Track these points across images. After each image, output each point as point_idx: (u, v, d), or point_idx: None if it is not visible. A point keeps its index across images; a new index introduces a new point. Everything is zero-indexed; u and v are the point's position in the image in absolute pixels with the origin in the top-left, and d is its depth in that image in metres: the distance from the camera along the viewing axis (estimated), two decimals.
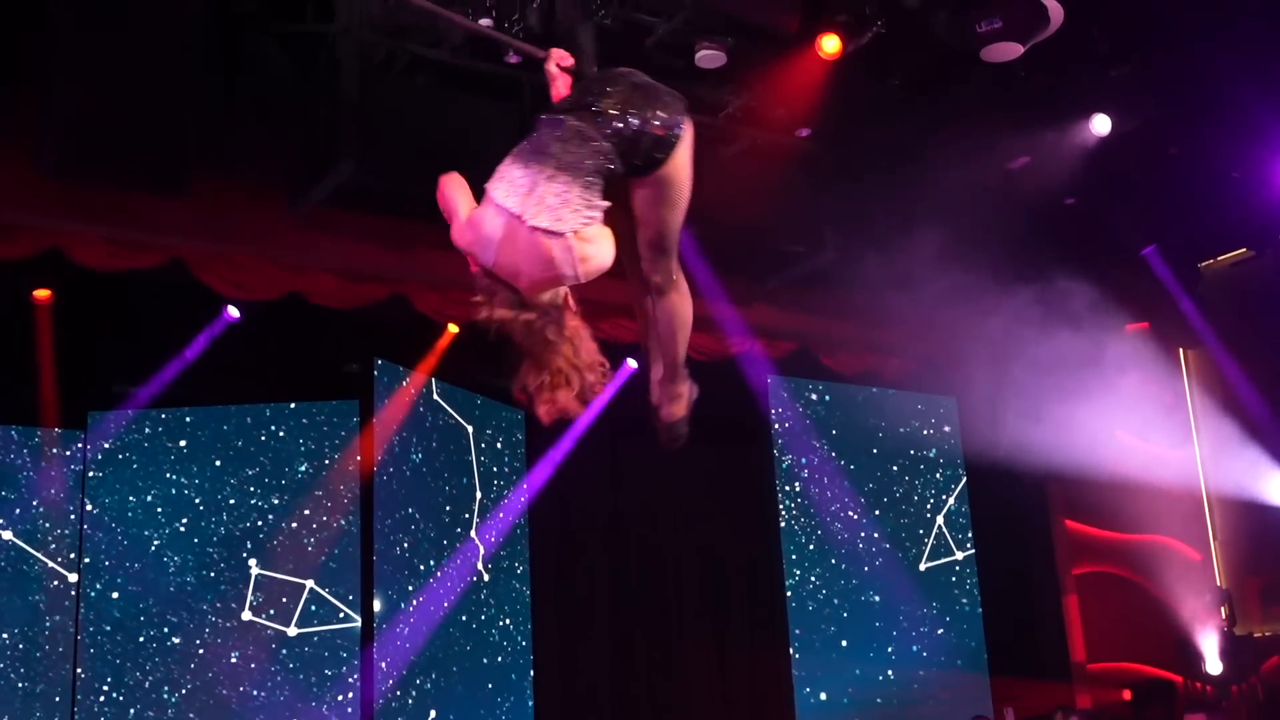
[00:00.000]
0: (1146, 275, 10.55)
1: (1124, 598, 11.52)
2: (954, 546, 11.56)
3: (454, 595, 9.79)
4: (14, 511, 9.17)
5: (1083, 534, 11.84)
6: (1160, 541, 11.51)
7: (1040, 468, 10.42)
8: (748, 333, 9.86)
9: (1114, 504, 11.12)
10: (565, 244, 3.31)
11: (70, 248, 7.77)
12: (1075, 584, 11.75)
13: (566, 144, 3.44)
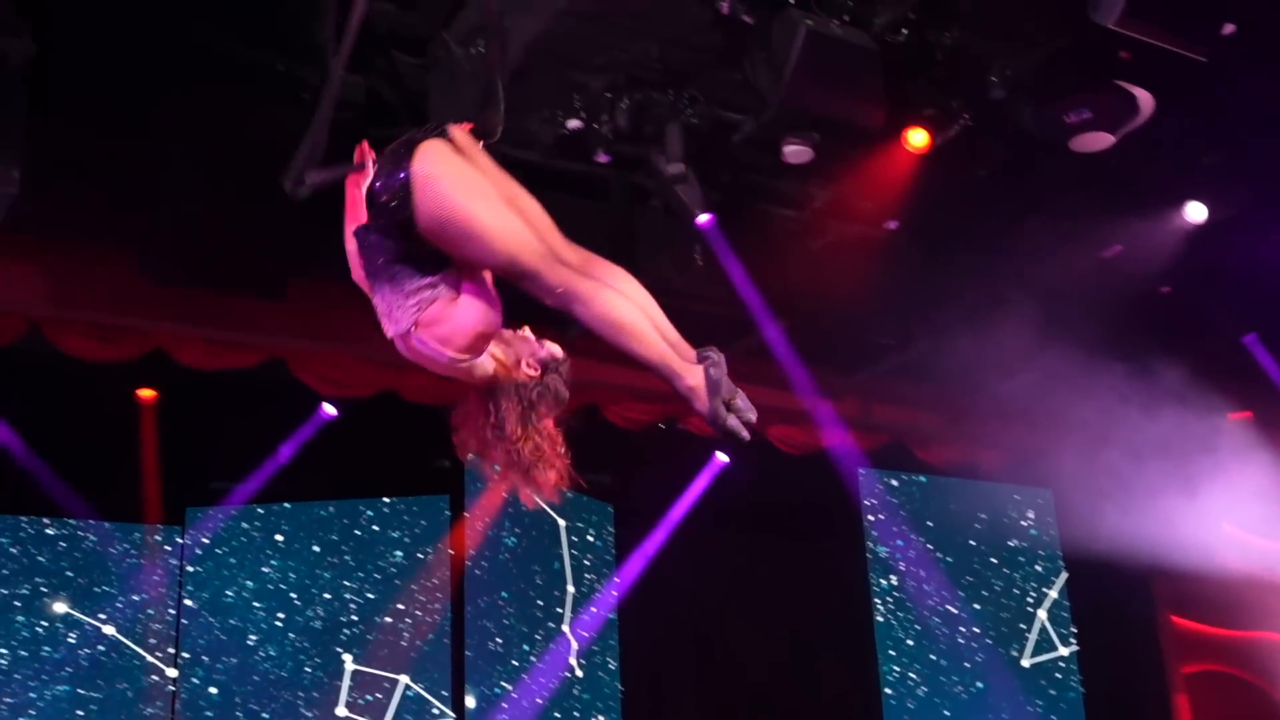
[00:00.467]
0: (1248, 363, 10.29)
1: (1238, 698, 11.09)
2: (1057, 642, 11.22)
3: (547, 690, 9.70)
4: (116, 606, 9.29)
5: (1191, 631, 11.44)
6: (1275, 639, 11.07)
7: (1144, 562, 10.12)
8: (838, 425, 9.77)
9: (1224, 599, 10.76)
10: (415, 340, 3.29)
11: (173, 349, 7.96)
12: (1185, 683, 11.33)
13: (369, 251, 3.40)
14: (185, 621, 9.35)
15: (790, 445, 9.89)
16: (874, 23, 6.57)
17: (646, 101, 7.21)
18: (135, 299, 7.64)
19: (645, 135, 7.36)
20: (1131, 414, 9.18)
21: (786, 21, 6.33)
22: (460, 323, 3.27)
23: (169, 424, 9.03)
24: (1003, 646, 11.08)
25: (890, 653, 10.74)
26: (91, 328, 7.79)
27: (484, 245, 3.28)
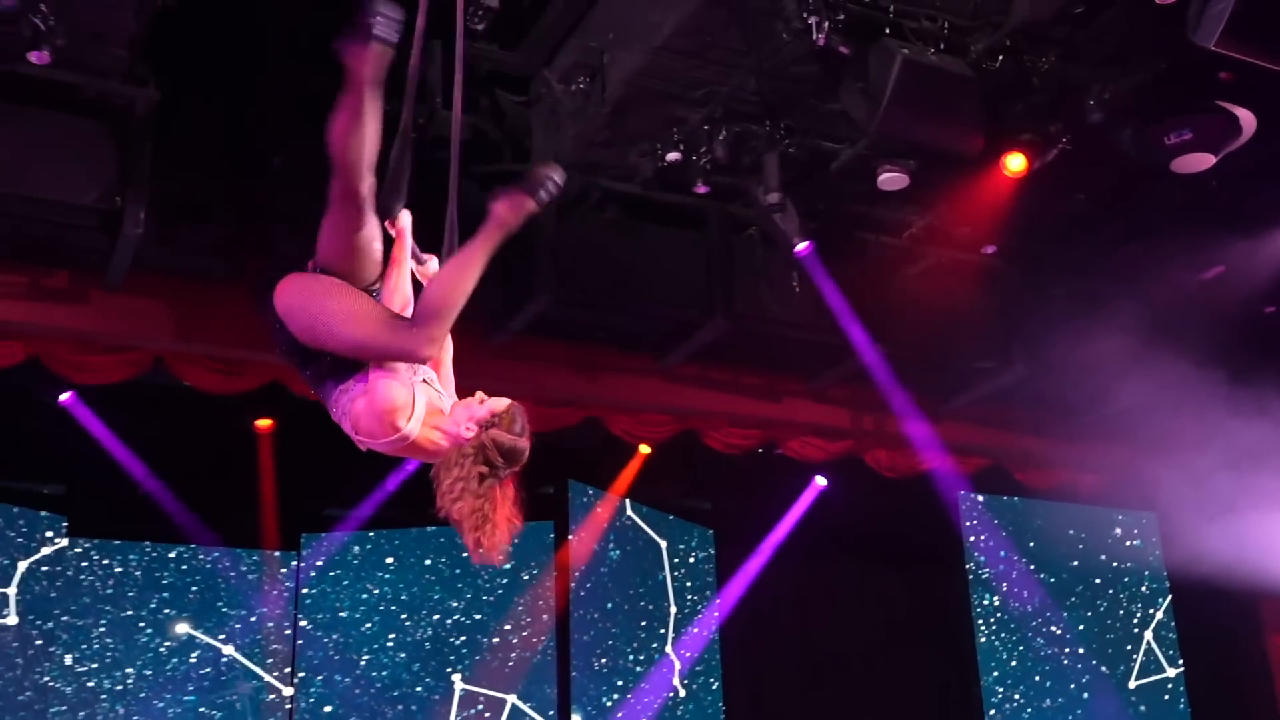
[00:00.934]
0: None
1: None
2: (1165, 663, 10.89)
3: (651, 710, 9.66)
4: (235, 626, 9.43)
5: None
6: None
7: (1250, 584, 9.80)
8: (939, 449, 9.61)
9: None
10: (362, 439, 3.44)
11: (290, 380, 8.05)
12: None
13: (315, 386, 3.62)
14: (300, 641, 9.46)
15: (890, 469, 9.76)
16: (970, 50, 6.48)
17: (744, 133, 7.19)
18: (254, 334, 7.72)
19: (743, 166, 7.33)
20: (1236, 435, 8.92)
21: (882, 51, 6.27)
22: (372, 410, 3.35)
23: (285, 453, 9.16)
24: (1108, 667, 10.78)
25: (994, 674, 10.50)
26: (212, 361, 7.93)
27: (322, 323, 3.46)
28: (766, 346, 8.65)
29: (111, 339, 7.68)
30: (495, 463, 3.39)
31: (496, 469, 3.40)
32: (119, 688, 9.08)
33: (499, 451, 3.39)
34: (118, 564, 9.29)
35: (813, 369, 9.06)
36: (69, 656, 8.98)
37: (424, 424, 3.41)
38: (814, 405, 9.35)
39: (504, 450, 3.40)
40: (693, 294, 8.15)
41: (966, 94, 6.43)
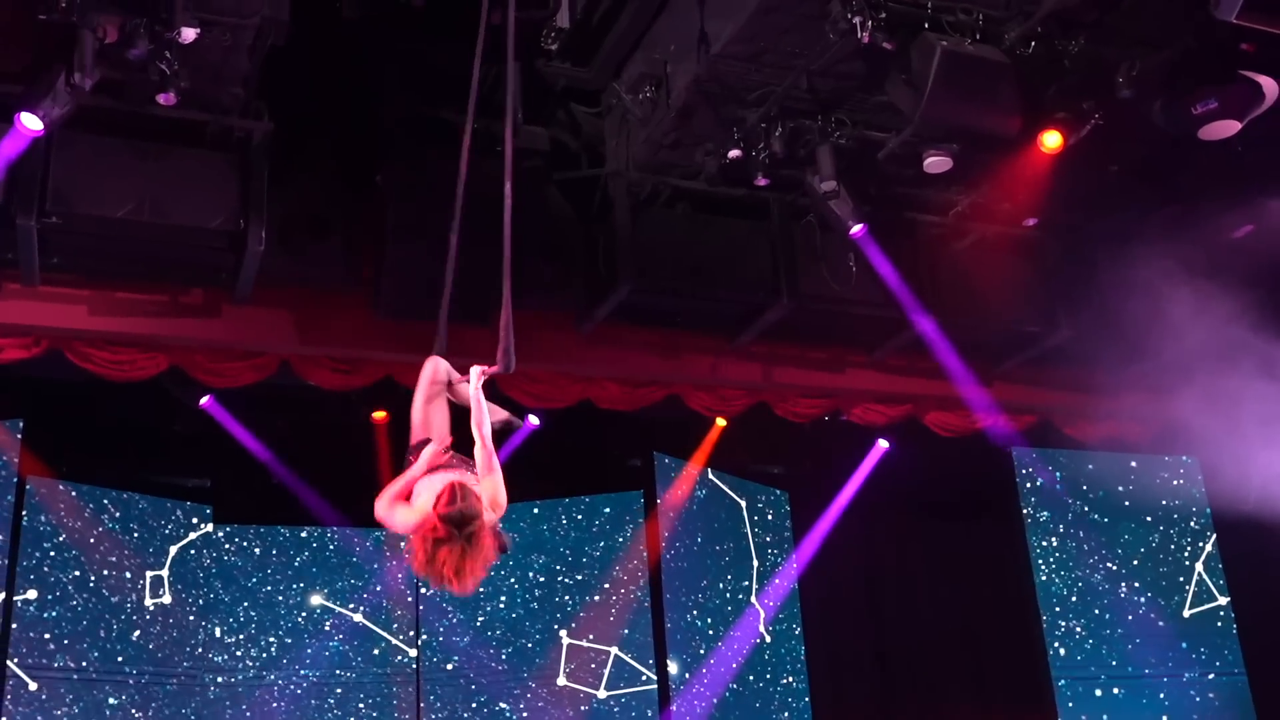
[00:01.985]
0: None
1: None
2: (1215, 593, 10.70)
3: (741, 656, 9.70)
4: (363, 597, 9.61)
5: None
6: None
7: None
8: (991, 409, 9.50)
9: None
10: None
11: (401, 375, 8.16)
12: None
13: None
14: (422, 607, 9.61)
15: (947, 429, 9.66)
16: (1004, 38, 6.38)
17: (799, 128, 7.16)
18: (367, 335, 7.87)
19: (799, 158, 7.29)
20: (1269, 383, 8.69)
21: (923, 44, 6.19)
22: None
23: (400, 441, 9.27)
24: (1163, 599, 10.60)
25: (1055, 609, 10.36)
26: (332, 362, 8.05)
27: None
28: (829, 323, 8.60)
29: (242, 347, 7.83)
30: (426, 544, 4.20)
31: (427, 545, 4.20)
32: (264, 655, 9.32)
33: (433, 535, 4.20)
34: (257, 546, 9.53)
35: (872, 341, 8.99)
36: (219, 629, 9.23)
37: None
38: (874, 374, 9.27)
39: (435, 534, 4.20)
40: (759, 278, 8.13)
41: (1003, 79, 6.33)
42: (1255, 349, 8.57)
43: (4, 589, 8.34)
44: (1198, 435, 9.57)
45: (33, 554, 8.64)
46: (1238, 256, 8.50)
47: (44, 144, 6.48)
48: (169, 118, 6.50)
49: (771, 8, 6.14)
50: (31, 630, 8.53)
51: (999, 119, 6.47)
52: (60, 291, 7.39)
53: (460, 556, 4.13)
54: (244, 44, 6.18)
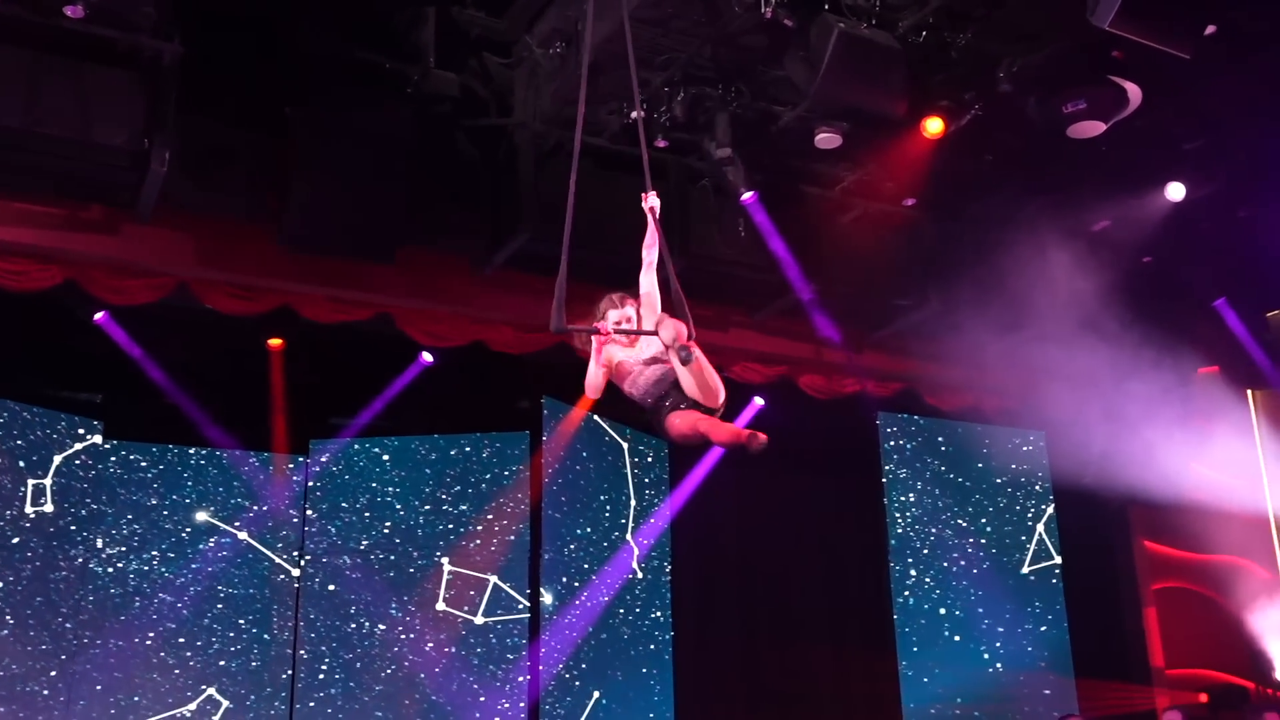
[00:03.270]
0: (1217, 324, 10.11)
1: (1200, 611, 10.99)
2: (1054, 552, 11.17)
3: (612, 590, 9.80)
4: (249, 517, 9.45)
5: (1161, 554, 11.33)
6: (1232, 561, 10.96)
7: (1123, 494, 10.02)
8: (861, 375, 9.72)
9: (1189, 527, 10.65)
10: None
11: (299, 305, 8.03)
12: (1154, 598, 11.24)
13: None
14: (307, 529, 9.50)
15: (819, 391, 9.84)
16: (898, 25, 6.48)
17: (700, 95, 7.18)
18: (268, 264, 7.70)
19: (698, 124, 7.33)
20: (1115, 367, 9.05)
21: (822, 24, 6.25)
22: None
23: (295, 369, 9.13)
24: (1006, 556, 11.02)
25: (908, 559, 10.70)
26: (231, 287, 7.86)
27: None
28: (716, 282, 8.66)
29: (140, 266, 7.60)
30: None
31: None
32: (145, 568, 9.11)
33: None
34: (144, 461, 9.27)
35: (755, 303, 9.09)
36: (100, 540, 8.99)
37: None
38: (755, 335, 9.39)
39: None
40: None
41: (894, 64, 6.43)
42: (1105, 338, 8.92)
43: None
44: (1046, 412, 9.96)
45: None
46: (1095, 248, 8.80)
47: None
48: (77, 30, 6.24)
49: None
50: None
51: (887, 102, 6.57)
52: None
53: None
54: None
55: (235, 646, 9.20)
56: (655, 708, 9.88)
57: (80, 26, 6.15)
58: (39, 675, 8.50)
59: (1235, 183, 8.55)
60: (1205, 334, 10.10)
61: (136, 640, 8.94)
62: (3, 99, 6.41)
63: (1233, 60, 6.96)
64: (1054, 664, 10.79)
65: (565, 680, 9.34)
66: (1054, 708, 10.30)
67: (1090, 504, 10.59)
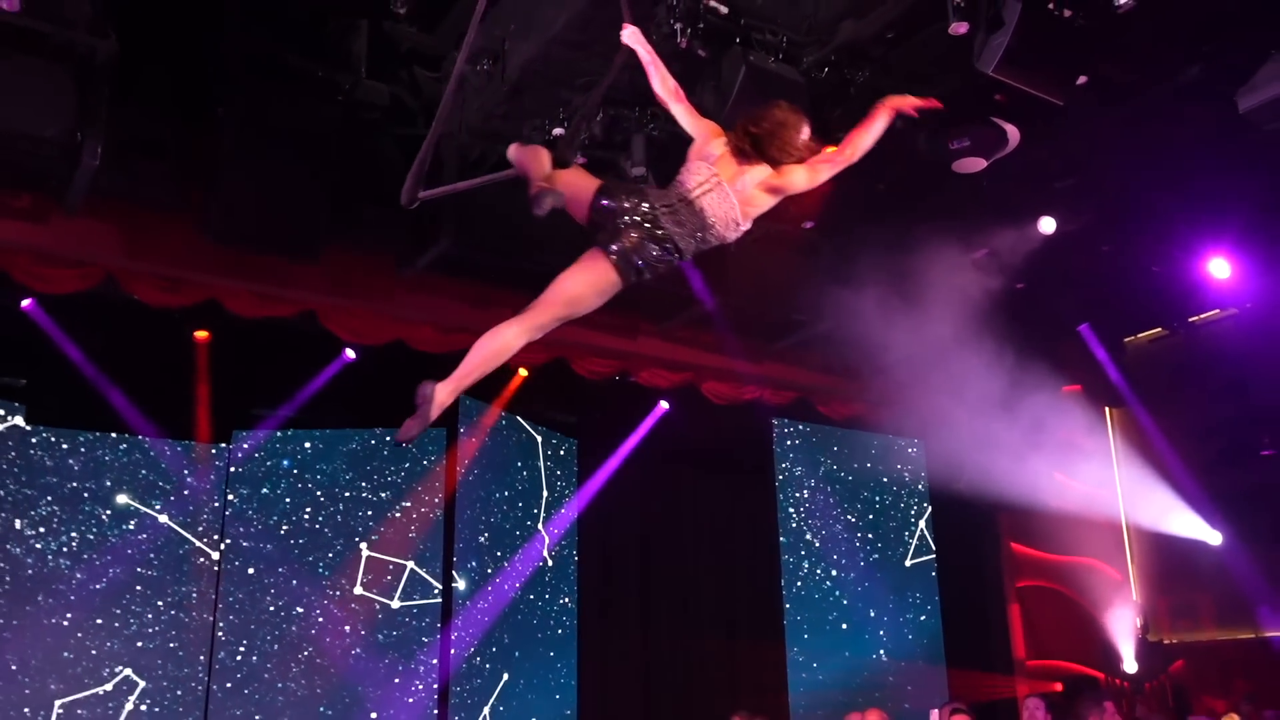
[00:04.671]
0: (1080, 347, 10.40)
1: (1058, 607, 11.28)
2: (934, 546, 11.36)
3: (524, 576, 9.73)
4: (170, 501, 9.17)
5: (1025, 555, 11.60)
6: (1088, 563, 11.27)
7: (992, 499, 10.23)
8: (758, 383, 9.79)
9: (1051, 531, 10.92)
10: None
11: (225, 299, 7.81)
12: (1017, 595, 11.51)
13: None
14: (228, 514, 9.25)
15: (719, 397, 9.90)
16: (802, 61, 6.51)
17: (618, 116, 7.13)
18: (195, 257, 7.48)
19: (615, 143, 7.28)
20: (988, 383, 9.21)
21: (732, 57, 6.26)
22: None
23: (219, 361, 8.87)
24: (890, 550, 11.18)
25: (800, 552, 10.80)
26: (158, 279, 7.62)
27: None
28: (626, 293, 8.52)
29: (68, 255, 7.34)
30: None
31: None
32: (64, 550, 8.77)
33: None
34: (64, 443, 8.93)
35: (663, 313, 9.10)
36: (19, 521, 8.63)
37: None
38: (662, 343, 9.41)
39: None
40: (569, 246, 8.01)
41: (797, 97, 6.44)
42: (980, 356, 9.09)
43: None
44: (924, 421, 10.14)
45: None
46: (974, 274, 8.97)
47: None
48: (11, 24, 5.96)
49: (602, 3, 6.07)
50: None
51: None
52: None
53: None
54: None
55: (154, 628, 8.90)
56: (561, 689, 9.82)
57: (15, 20, 5.88)
58: None
59: (1100, 220, 8.77)
60: (1070, 356, 10.37)
61: (53, 621, 8.59)
62: None
63: (1101, 108, 7.14)
64: (929, 654, 11.00)
65: (475, 664, 9.24)
66: (928, 695, 10.48)
67: (963, 507, 10.80)
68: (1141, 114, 7.26)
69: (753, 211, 3.98)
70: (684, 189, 3.90)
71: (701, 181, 3.91)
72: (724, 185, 3.90)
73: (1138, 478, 11.05)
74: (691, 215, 3.85)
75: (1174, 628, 11.05)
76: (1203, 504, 10.51)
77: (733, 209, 3.90)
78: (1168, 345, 10.81)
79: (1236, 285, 9.39)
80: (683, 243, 3.88)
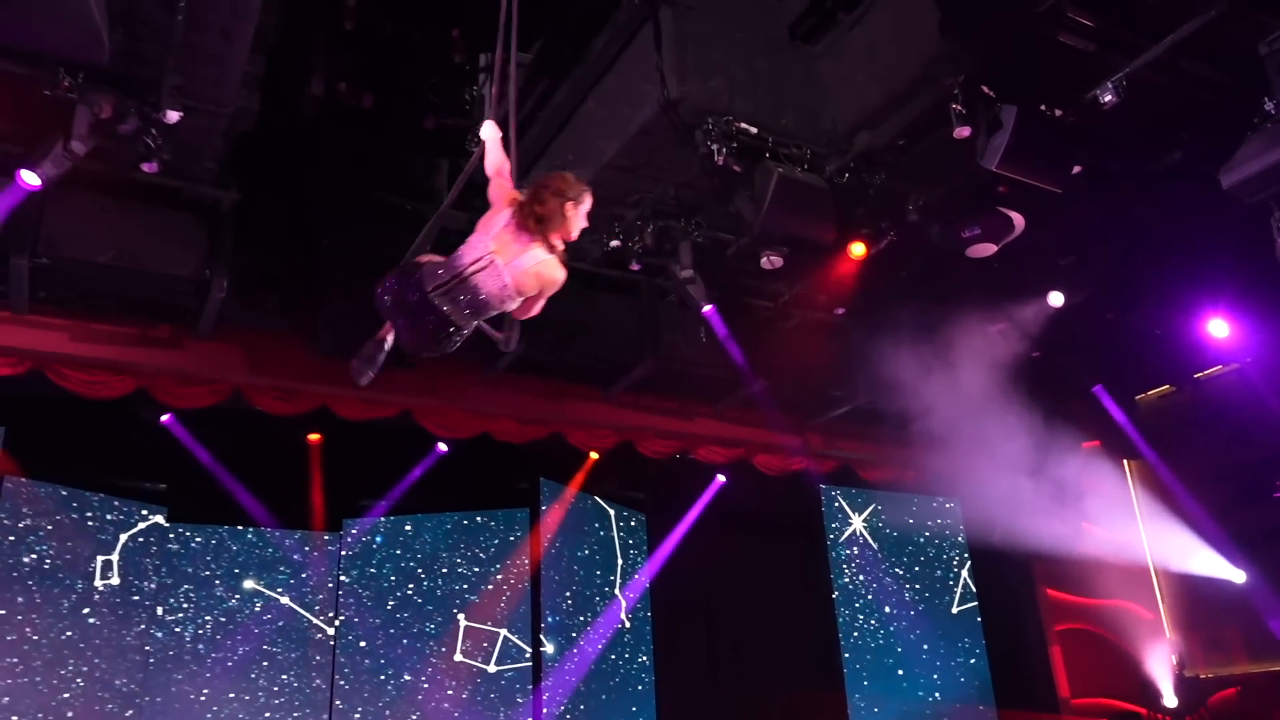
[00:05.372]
0: (1097, 406, 10.15)
1: (1096, 648, 10.78)
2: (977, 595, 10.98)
3: (605, 637, 9.60)
4: (290, 584, 9.22)
5: (1061, 600, 11.16)
6: (1120, 605, 10.81)
7: (1026, 549, 9.91)
8: (804, 454, 9.68)
9: (1083, 576, 10.53)
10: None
11: (334, 405, 7.95)
12: (1058, 638, 11.04)
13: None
14: (340, 593, 9.27)
15: (770, 469, 9.79)
16: (825, 169, 6.56)
17: (666, 227, 7.22)
18: (307, 371, 7.64)
19: (665, 250, 7.36)
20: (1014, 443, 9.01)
21: (764, 169, 6.31)
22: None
23: (330, 459, 9.01)
24: (937, 599, 10.83)
25: (856, 605, 10.50)
26: (276, 391, 7.79)
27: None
28: (682, 380, 8.67)
29: (201, 375, 7.55)
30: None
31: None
32: (200, 632, 8.84)
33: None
34: (199, 538, 9.07)
35: (715, 396, 9.08)
36: (160, 608, 8.73)
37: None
38: (716, 423, 9.36)
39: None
40: (629, 342, 8.16)
41: (823, 200, 6.49)
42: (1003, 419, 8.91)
43: None
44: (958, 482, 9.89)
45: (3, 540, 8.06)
46: (992, 345, 8.85)
47: (39, 197, 6.16)
48: (150, 182, 6.26)
49: (648, 131, 6.21)
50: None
51: (819, 231, 6.61)
52: (45, 320, 7.04)
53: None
54: (219, 128, 6.01)
55: (279, 699, 8.89)
56: None
57: (154, 179, 6.17)
58: None
59: (1103, 290, 8.65)
60: (1087, 415, 10.12)
61: (191, 696, 8.62)
62: (92, 239, 6.42)
63: (1096, 192, 7.09)
64: (981, 695, 10.56)
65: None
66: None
67: (999, 558, 10.47)
68: (1133, 194, 7.20)
69: (525, 291, 3.66)
70: (460, 265, 3.61)
71: (478, 258, 3.62)
72: (498, 264, 3.61)
73: (1160, 523, 10.64)
74: (465, 291, 3.59)
75: (1208, 662, 10.50)
76: (1223, 544, 10.06)
77: (506, 287, 3.63)
78: (1177, 400, 10.50)
79: (1236, 342, 9.12)
80: (458, 319, 3.65)
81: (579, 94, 6.64)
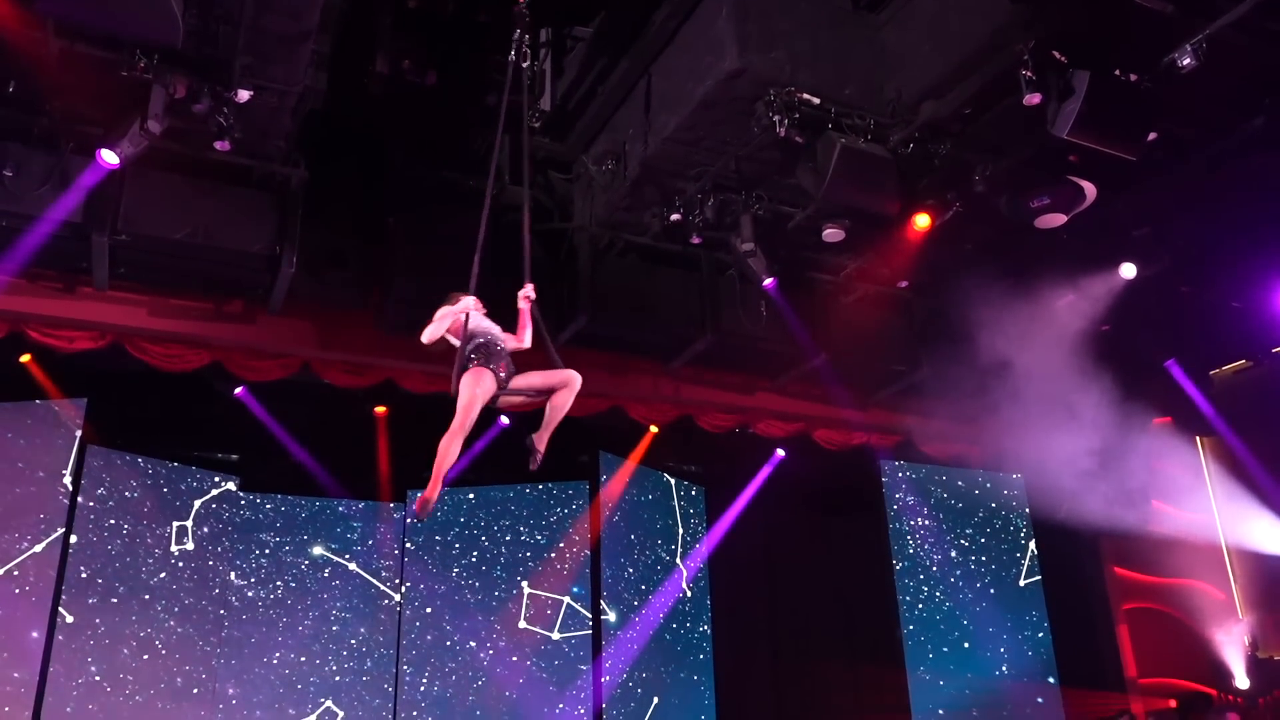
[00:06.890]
0: (1169, 382, 9.89)
1: (1165, 627, 10.58)
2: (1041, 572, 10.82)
3: (666, 606, 9.68)
4: (357, 552, 9.46)
5: (1129, 578, 10.96)
6: (1191, 584, 10.57)
7: (1094, 526, 9.73)
8: (865, 429, 9.60)
9: (1152, 555, 10.32)
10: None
11: (400, 379, 8.10)
12: (1125, 617, 10.85)
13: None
14: (407, 560, 9.48)
15: (831, 444, 9.74)
16: (889, 139, 6.46)
17: (727, 200, 7.20)
18: (374, 345, 7.79)
19: (726, 224, 7.34)
20: (1083, 419, 8.85)
21: (826, 141, 6.25)
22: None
23: (396, 431, 9.19)
24: (1003, 571, 10.70)
25: (919, 577, 10.42)
26: (344, 365, 7.95)
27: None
28: (743, 354, 8.64)
29: (272, 349, 7.74)
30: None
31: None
32: (271, 596, 9.12)
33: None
34: (270, 506, 9.34)
35: (776, 370, 9.04)
36: (233, 574, 9.03)
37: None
38: (777, 397, 9.33)
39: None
40: (689, 317, 8.16)
41: (887, 172, 6.41)
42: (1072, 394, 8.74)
43: (65, 529, 8.13)
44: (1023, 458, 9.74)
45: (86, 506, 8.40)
46: (1059, 319, 8.67)
47: (118, 176, 6.36)
48: (222, 161, 6.41)
49: (709, 104, 6.18)
50: (72, 569, 8.26)
51: (882, 202, 6.55)
52: (125, 296, 7.27)
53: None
54: (288, 106, 6.12)
55: (348, 663, 9.15)
56: (705, 710, 9.67)
57: (226, 158, 6.32)
58: (188, 693, 8.49)
59: (1178, 262, 8.40)
60: (1159, 390, 9.87)
61: (264, 659, 8.92)
62: (167, 216, 6.60)
63: (1171, 160, 6.89)
64: (1048, 670, 10.43)
65: (629, 688, 9.18)
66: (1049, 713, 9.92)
67: (1065, 536, 10.31)
68: (1210, 164, 6.97)
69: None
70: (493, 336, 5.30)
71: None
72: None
73: (1234, 501, 10.36)
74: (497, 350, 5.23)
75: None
76: None
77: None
78: (1253, 376, 10.19)
79: None
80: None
81: (639, 68, 6.62)
